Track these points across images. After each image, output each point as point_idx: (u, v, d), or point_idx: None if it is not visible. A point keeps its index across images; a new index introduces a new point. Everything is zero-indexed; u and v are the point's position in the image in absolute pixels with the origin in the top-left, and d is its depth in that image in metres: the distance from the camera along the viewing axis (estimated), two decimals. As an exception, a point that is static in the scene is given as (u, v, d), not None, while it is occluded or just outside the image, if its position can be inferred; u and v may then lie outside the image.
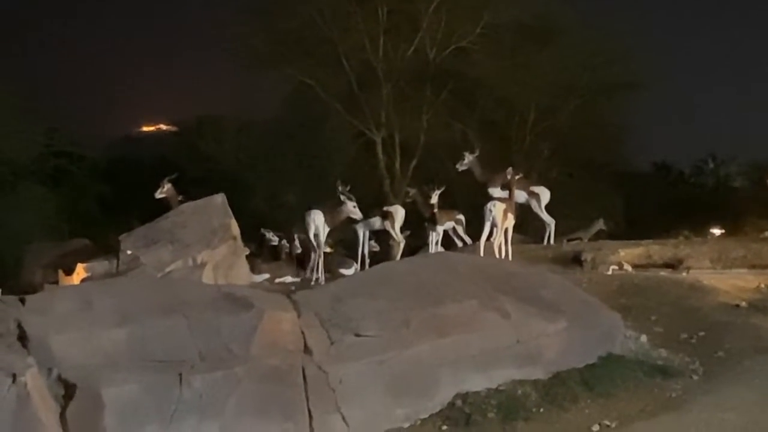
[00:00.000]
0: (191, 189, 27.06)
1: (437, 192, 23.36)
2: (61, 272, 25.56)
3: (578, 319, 15.37)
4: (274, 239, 27.23)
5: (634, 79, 37.54)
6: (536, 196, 24.52)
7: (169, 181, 25.01)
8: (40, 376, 10.91)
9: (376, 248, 25.22)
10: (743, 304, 18.51)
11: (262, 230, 27.25)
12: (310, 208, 23.23)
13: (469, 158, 24.04)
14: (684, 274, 21.67)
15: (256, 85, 41.01)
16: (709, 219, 44.75)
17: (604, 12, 38.58)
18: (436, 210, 23.38)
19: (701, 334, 16.76)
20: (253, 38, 37.88)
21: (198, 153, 41.39)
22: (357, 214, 23.19)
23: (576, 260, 22.41)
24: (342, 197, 23.06)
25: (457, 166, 24.23)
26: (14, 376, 10.48)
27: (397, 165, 36.93)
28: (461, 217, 24.51)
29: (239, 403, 11.83)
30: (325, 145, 38.47)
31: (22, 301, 12.42)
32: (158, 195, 24.89)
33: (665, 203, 46.43)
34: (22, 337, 11.49)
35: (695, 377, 14.97)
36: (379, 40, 36.55)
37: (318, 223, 22.53)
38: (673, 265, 22.71)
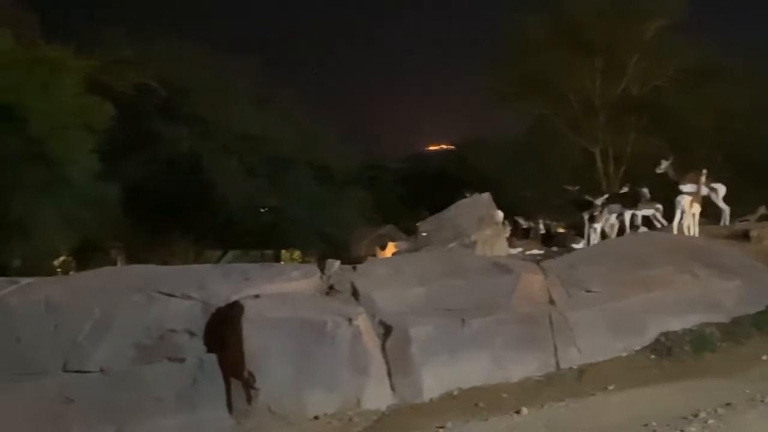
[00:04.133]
0: (464, 191, 27.06)
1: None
2: (377, 248, 25.94)
3: (749, 278, 14.73)
4: (525, 224, 27.12)
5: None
6: (715, 190, 23.70)
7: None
8: (367, 320, 11.10)
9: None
10: None
11: (515, 217, 27.11)
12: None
13: (664, 164, 23.32)
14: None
15: (508, 113, 41.02)
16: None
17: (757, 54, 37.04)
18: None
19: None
20: (503, 82, 38.08)
21: (467, 165, 41.50)
22: (648, 195, 23.44)
23: (745, 236, 21.47)
24: (641, 189, 23.78)
25: (656, 169, 23.55)
26: (350, 320, 10.72)
27: (611, 170, 36.50)
28: (659, 206, 23.77)
29: (504, 339, 11.81)
30: (557, 157, 38.06)
31: (354, 268, 12.64)
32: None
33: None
34: (355, 293, 11.70)
35: (841, 320, 14.20)
36: (596, 81, 36.31)
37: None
38: (818, 239, 21.63)
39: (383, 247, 26.04)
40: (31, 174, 23.58)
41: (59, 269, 28.86)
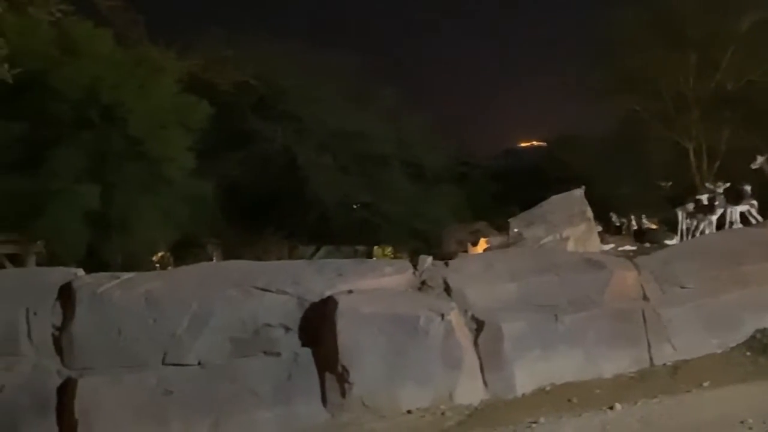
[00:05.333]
0: (555, 187, 26.93)
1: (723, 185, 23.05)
2: (469, 244, 26.03)
3: None
4: (618, 221, 26.92)
5: None
6: (813, 185, 23.31)
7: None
8: (459, 315, 11.07)
9: (691, 225, 24.32)
10: None
11: (610, 214, 26.93)
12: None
13: (759, 159, 22.93)
14: None
15: (599, 110, 40.80)
16: None
17: None
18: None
19: None
20: (597, 78, 37.89)
21: (559, 161, 41.33)
22: (750, 192, 23.11)
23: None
24: (744, 185, 23.27)
25: (751, 165, 23.15)
26: (442, 315, 10.71)
27: (704, 166, 36.03)
28: (754, 202, 23.36)
29: (597, 334, 11.69)
30: (650, 153, 37.64)
31: (446, 264, 12.61)
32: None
33: None
34: (447, 289, 11.68)
35: None
36: (689, 76, 35.85)
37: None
38: None
39: (475, 243, 26.14)
40: (131, 172, 24.13)
41: (157, 264, 29.45)
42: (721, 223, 23.09)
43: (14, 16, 17.51)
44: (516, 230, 21.41)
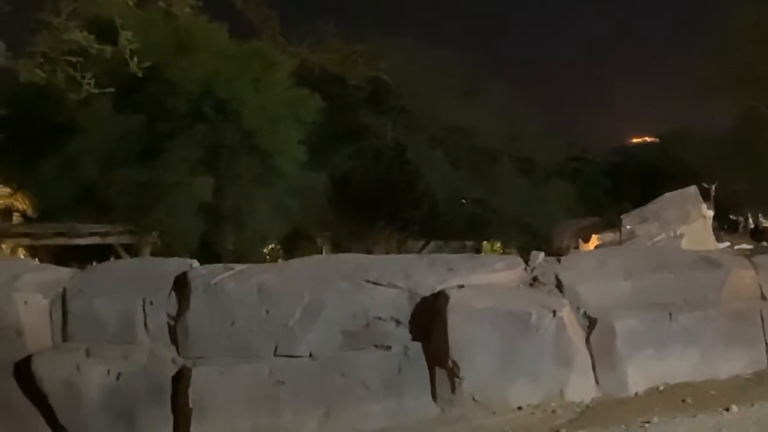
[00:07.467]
0: (667, 184, 26.55)
1: None
2: (580, 240, 25.79)
3: None
4: (734, 218, 26.54)
5: None
6: None
7: None
8: (571, 313, 10.94)
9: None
10: None
11: (731, 216, 26.55)
12: None
13: None
14: None
15: (714, 106, 39.84)
16: None
17: None
18: None
19: None
20: (713, 73, 37.05)
21: (672, 158, 40.66)
22: None
23: None
24: None
25: None
26: (554, 312, 10.58)
27: (823, 164, 35.04)
28: None
29: (713, 335, 11.44)
30: (766, 150, 36.70)
31: (558, 260, 12.49)
32: None
33: None
34: (559, 285, 11.51)
35: None
36: (809, 72, 34.88)
37: None
38: None
39: (586, 240, 25.88)
40: (243, 165, 24.61)
41: (268, 256, 29.93)
42: None
43: (141, 10, 17.93)
44: (628, 227, 21.20)
